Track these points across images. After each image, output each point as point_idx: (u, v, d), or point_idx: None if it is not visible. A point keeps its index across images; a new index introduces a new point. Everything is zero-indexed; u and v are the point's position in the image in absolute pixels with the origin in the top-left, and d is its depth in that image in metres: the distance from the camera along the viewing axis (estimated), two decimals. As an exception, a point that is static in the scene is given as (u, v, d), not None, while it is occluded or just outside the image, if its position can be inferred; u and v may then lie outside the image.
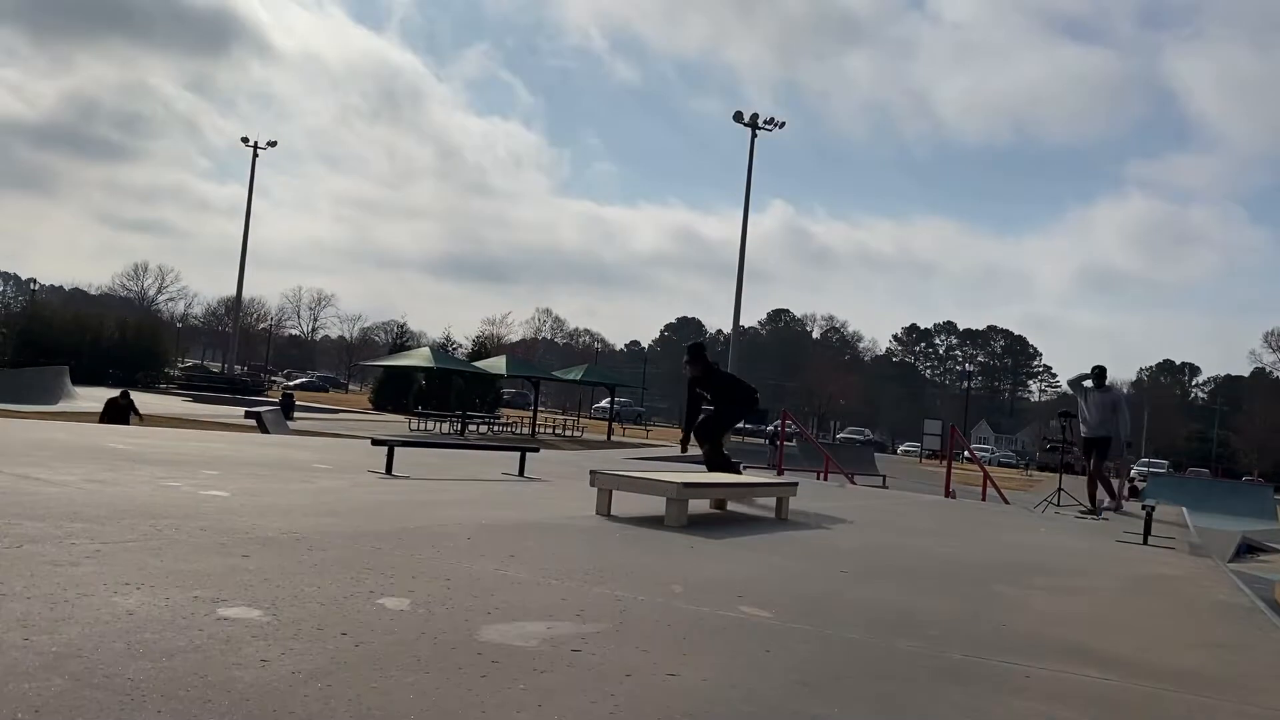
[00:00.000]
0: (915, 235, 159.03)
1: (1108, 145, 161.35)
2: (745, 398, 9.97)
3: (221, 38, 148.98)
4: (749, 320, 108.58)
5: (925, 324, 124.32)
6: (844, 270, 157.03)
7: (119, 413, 19.77)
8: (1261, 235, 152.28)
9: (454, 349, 59.49)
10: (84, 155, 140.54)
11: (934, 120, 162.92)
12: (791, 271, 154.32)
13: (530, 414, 38.82)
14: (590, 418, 56.98)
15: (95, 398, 30.03)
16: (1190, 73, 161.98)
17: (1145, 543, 8.60)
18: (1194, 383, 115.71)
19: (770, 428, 42.87)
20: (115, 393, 21.08)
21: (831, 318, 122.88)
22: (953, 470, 19.21)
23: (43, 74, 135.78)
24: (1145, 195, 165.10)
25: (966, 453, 32.29)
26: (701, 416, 9.84)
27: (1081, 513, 12.37)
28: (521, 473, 9.64)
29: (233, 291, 66.47)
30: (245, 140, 60.69)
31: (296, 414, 30.01)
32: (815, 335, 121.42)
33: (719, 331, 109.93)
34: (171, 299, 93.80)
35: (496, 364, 38.68)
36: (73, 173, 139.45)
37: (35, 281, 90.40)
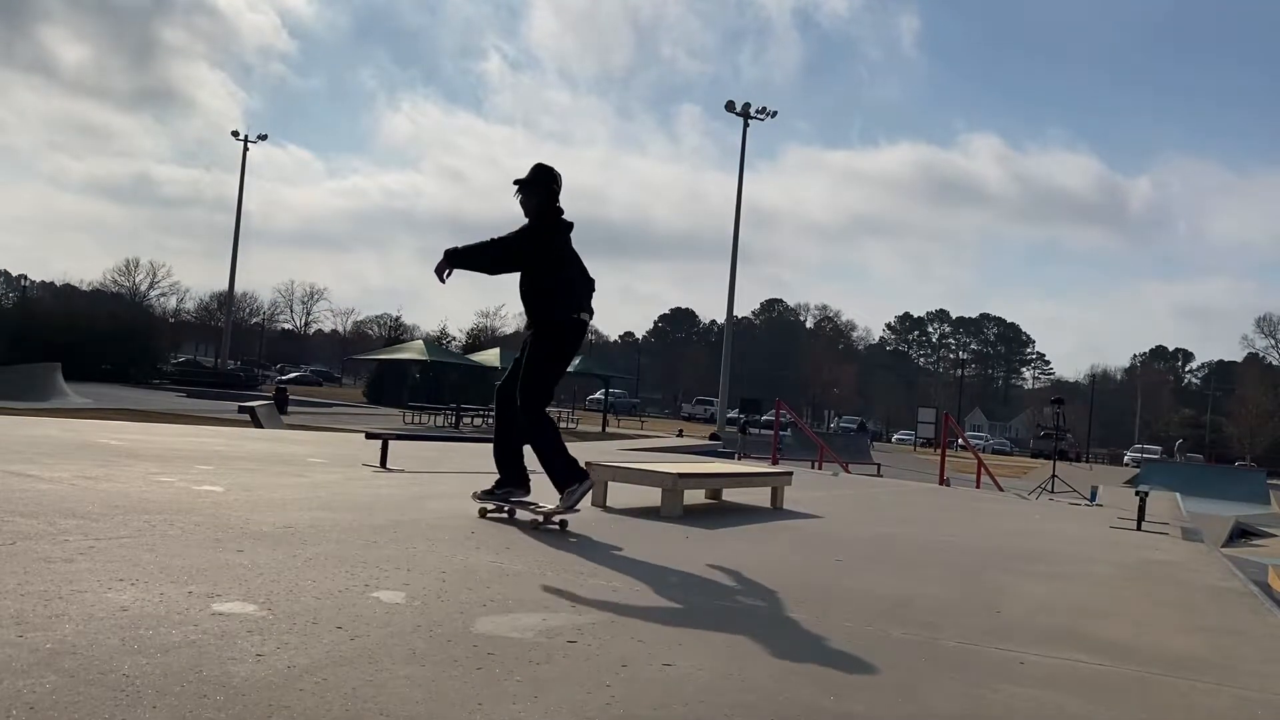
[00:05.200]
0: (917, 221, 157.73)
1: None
2: (559, 318, 5.27)
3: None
4: (742, 310, 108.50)
5: (918, 312, 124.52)
6: (841, 255, 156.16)
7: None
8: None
9: (448, 342, 59.43)
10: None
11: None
12: (785, 257, 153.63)
13: (525, 406, 38.66)
14: (585, 409, 56.94)
15: (88, 394, 29.93)
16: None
17: (1139, 528, 8.64)
18: (1187, 369, 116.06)
19: (743, 417, 42.63)
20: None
21: (825, 307, 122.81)
22: (947, 458, 19.28)
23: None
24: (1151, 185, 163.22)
25: (961, 440, 32.35)
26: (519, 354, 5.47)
27: None
28: (516, 465, 9.64)
29: (223, 286, 66.38)
30: (235, 134, 60.68)
31: (290, 408, 29.87)
32: (809, 325, 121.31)
33: (713, 322, 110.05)
34: (163, 294, 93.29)
35: (491, 356, 38.65)
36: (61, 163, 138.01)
37: (26, 278, 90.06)
